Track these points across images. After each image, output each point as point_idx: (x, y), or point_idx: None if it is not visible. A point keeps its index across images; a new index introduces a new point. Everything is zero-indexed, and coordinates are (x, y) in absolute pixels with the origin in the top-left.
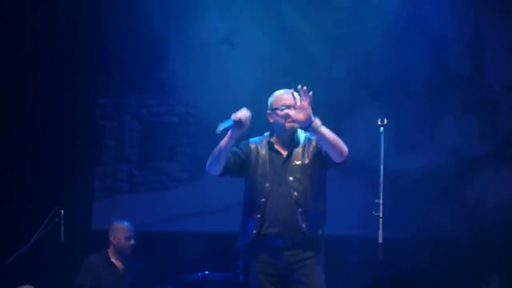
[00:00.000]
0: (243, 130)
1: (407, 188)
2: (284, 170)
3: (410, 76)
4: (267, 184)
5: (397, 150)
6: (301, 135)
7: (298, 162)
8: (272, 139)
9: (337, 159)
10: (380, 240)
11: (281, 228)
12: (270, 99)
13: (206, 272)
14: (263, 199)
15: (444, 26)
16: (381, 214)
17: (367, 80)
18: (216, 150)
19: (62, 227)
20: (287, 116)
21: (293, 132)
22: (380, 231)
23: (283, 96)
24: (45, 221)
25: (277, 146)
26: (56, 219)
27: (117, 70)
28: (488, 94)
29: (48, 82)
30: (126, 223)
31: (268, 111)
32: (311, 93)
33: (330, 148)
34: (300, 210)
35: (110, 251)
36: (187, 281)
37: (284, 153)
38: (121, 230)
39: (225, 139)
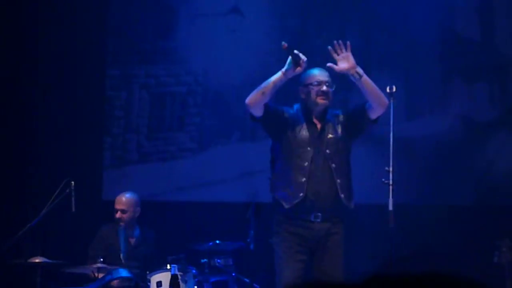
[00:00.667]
0: (296, 73)
1: (417, 154)
2: (320, 143)
3: (419, 42)
4: (309, 148)
5: (407, 117)
6: (329, 111)
7: (332, 136)
8: (305, 110)
9: (377, 110)
10: (391, 207)
11: (320, 198)
12: (303, 75)
13: (217, 242)
14: (306, 163)
15: None
16: (391, 182)
17: (376, 47)
18: (264, 84)
19: (73, 198)
20: (319, 92)
21: (325, 107)
22: (391, 198)
23: (316, 72)
24: (56, 193)
25: (311, 117)
26: (67, 191)
27: (125, 40)
28: (498, 59)
29: (56, 54)
30: (123, 196)
31: (300, 87)
32: (348, 42)
33: (373, 97)
34: (339, 181)
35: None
36: (197, 250)
37: (319, 126)
38: (116, 202)
39: (279, 75)
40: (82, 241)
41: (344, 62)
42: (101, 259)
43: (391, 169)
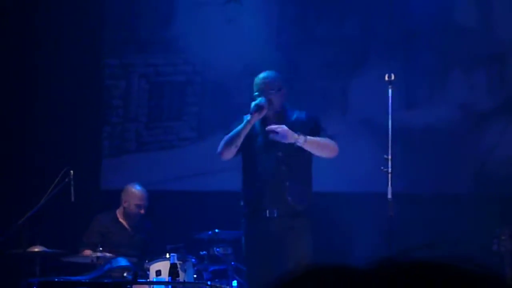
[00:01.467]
0: (261, 116)
1: (416, 143)
2: (273, 146)
3: (418, 30)
4: (263, 155)
5: (406, 105)
6: (290, 109)
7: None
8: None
9: (329, 157)
10: (390, 196)
11: (269, 199)
12: (254, 83)
13: (216, 230)
14: (260, 167)
15: None
16: (390, 170)
17: (375, 36)
18: (233, 136)
19: (72, 187)
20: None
21: (281, 109)
22: (389, 187)
23: (256, 81)
24: (55, 182)
25: (266, 122)
26: (66, 180)
27: (123, 29)
28: (496, 47)
29: (55, 43)
30: (141, 191)
31: (255, 93)
32: (277, 128)
33: (320, 154)
34: (287, 184)
35: (119, 211)
36: (197, 239)
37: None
38: (134, 197)
39: (245, 125)
40: (81, 230)
41: (284, 137)
42: (100, 248)
43: (389, 157)
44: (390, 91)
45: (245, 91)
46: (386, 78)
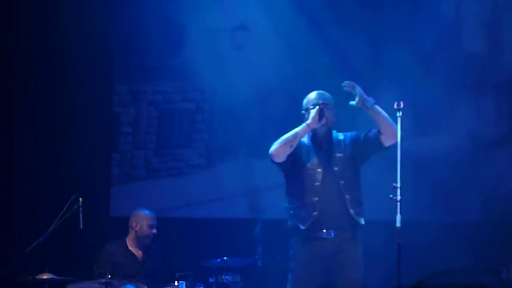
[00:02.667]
0: (320, 125)
1: (425, 170)
2: (328, 162)
3: (427, 58)
4: (319, 170)
5: (415, 133)
6: (338, 133)
7: (340, 154)
8: (311, 134)
9: (389, 139)
10: (399, 224)
11: (331, 214)
12: (304, 101)
13: (225, 258)
14: (317, 183)
15: (462, 5)
16: (399, 198)
17: (384, 63)
18: (290, 136)
19: (81, 214)
20: (316, 116)
21: (327, 128)
22: (398, 215)
23: (312, 96)
24: (64, 209)
25: (317, 140)
26: (75, 207)
27: (132, 57)
28: (505, 74)
29: (66, 70)
30: (150, 212)
31: (302, 112)
32: (347, 83)
33: (384, 127)
34: (348, 197)
35: (129, 238)
36: (205, 267)
37: (326, 146)
38: (145, 218)
39: (304, 127)
40: (90, 257)
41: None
42: (109, 276)
43: (398, 185)
44: (399, 118)
45: (254, 118)
46: (395, 106)
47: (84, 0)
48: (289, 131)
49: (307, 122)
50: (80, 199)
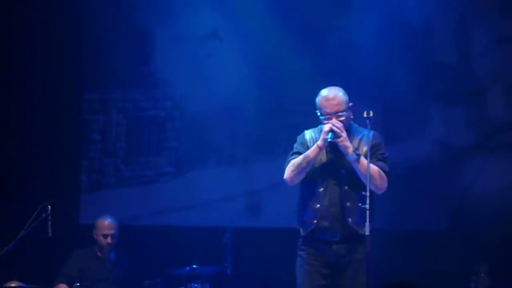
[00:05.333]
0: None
1: (395, 179)
2: (338, 163)
3: (396, 66)
4: (325, 174)
5: (384, 142)
6: (358, 128)
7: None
8: None
9: (373, 190)
10: (367, 232)
11: (330, 221)
12: (316, 99)
13: (194, 266)
14: (321, 189)
15: (431, 14)
16: (368, 206)
17: (354, 72)
18: (303, 162)
19: (50, 222)
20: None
21: (348, 127)
22: (367, 223)
23: (324, 103)
24: (33, 217)
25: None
26: (44, 215)
27: (102, 64)
28: (474, 84)
29: (34, 77)
30: (106, 220)
31: (318, 113)
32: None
33: (367, 182)
34: (348, 204)
35: (97, 246)
36: (174, 275)
37: (337, 146)
38: (99, 227)
39: (315, 149)
40: (59, 265)
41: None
42: (78, 284)
43: (368, 193)
44: (369, 127)
45: (224, 126)
46: (365, 115)
47: (54, 7)
48: (261, 139)
49: (318, 143)
50: (49, 206)
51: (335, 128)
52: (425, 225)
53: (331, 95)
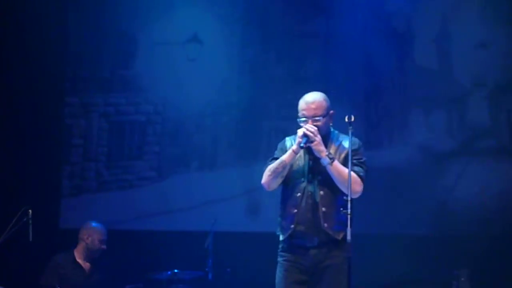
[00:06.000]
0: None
1: (376, 184)
2: (315, 169)
3: (377, 71)
4: (303, 179)
5: (366, 146)
6: (338, 134)
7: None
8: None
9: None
10: (349, 237)
11: (307, 226)
12: (299, 103)
13: (175, 271)
14: (299, 194)
15: (412, 20)
16: (349, 211)
17: (334, 77)
18: (279, 166)
19: (30, 227)
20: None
21: (327, 133)
22: (349, 228)
23: (303, 105)
24: (13, 221)
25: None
26: (24, 219)
27: (84, 68)
28: (455, 89)
29: (15, 81)
30: (103, 227)
31: (298, 119)
32: (314, 129)
33: (341, 186)
34: (323, 209)
35: (77, 250)
36: (156, 279)
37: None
38: (97, 232)
39: (290, 154)
40: (39, 269)
41: (315, 146)
42: None
43: (349, 198)
44: (350, 132)
45: (206, 130)
46: (346, 119)
47: (36, 11)
48: (242, 143)
49: (293, 148)
50: (30, 211)
51: (308, 133)
52: (406, 229)
53: (311, 98)
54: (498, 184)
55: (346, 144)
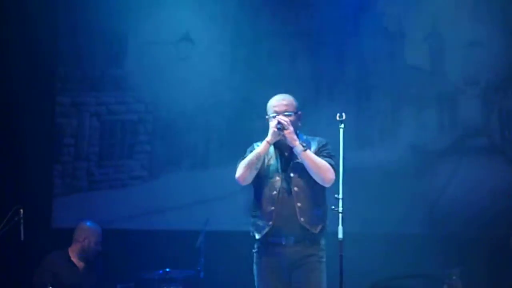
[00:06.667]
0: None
1: (368, 182)
2: (287, 167)
3: (369, 70)
4: (278, 177)
5: (357, 145)
6: (304, 136)
7: (299, 160)
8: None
9: (321, 183)
10: (340, 235)
11: (284, 222)
12: (267, 105)
13: (167, 270)
14: (274, 192)
15: (403, 18)
16: (341, 209)
17: (326, 75)
18: (253, 158)
19: (22, 226)
20: (276, 125)
21: (295, 132)
22: (340, 226)
23: (273, 102)
24: (5, 220)
25: (280, 146)
26: (16, 218)
27: (75, 68)
28: (447, 87)
29: (6, 81)
30: (98, 228)
31: (266, 117)
32: (287, 119)
33: (315, 174)
34: (299, 204)
35: (72, 250)
36: (148, 279)
37: (287, 151)
38: (94, 234)
39: (264, 145)
40: (31, 269)
41: (288, 135)
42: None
43: (340, 196)
44: (341, 130)
45: (197, 129)
46: (338, 118)
47: (26, 10)
48: (234, 142)
49: (267, 139)
50: (21, 210)
51: (282, 121)
52: (398, 228)
53: (282, 96)
54: (489, 182)
55: (313, 143)
